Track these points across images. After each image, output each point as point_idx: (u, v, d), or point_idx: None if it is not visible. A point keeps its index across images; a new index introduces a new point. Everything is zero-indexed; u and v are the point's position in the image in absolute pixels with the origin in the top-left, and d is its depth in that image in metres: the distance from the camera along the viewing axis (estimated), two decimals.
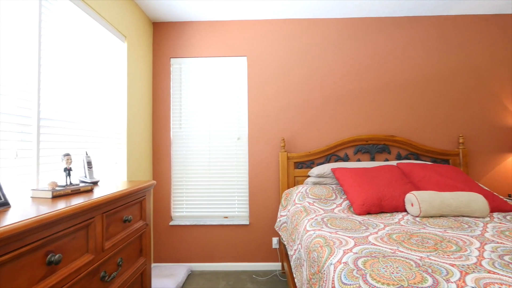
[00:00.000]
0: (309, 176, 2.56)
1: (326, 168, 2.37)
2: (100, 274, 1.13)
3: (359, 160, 2.64)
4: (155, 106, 2.76)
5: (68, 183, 1.30)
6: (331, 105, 2.71)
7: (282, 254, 2.55)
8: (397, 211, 1.84)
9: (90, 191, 1.30)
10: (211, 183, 2.74)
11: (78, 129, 1.71)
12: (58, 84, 1.54)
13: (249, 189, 2.69)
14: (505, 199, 1.91)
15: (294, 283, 1.87)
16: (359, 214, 1.81)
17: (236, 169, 2.74)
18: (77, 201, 1.04)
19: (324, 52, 2.74)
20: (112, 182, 1.71)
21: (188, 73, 2.79)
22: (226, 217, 2.73)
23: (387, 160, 2.62)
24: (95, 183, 1.53)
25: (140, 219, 1.56)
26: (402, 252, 1.14)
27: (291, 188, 2.44)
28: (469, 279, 0.89)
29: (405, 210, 1.84)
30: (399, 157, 2.61)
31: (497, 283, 0.87)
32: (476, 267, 0.98)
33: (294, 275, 1.57)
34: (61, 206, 0.95)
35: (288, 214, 2.13)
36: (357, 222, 1.61)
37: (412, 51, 2.71)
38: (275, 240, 2.66)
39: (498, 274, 0.93)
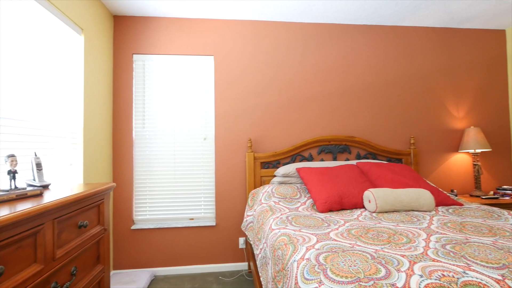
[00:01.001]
0: (275, 176, 2.60)
1: (291, 168, 2.44)
2: (51, 285, 1.05)
3: (322, 160, 2.75)
4: (116, 104, 2.61)
5: (13, 187, 1.18)
6: (297, 107, 2.79)
7: (249, 254, 2.57)
8: (356, 208, 1.95)
9: (39, 195, 1.20)
10: (176, 184, 2.66)
11: (27, 128, 1.56)
12: (2, 78, 1.39)
13: (216, 189, 2.67)
14: (448, 194, 2.13)
15: (260, 282, 1.89)
16: (322, 212, 1.89)
17: (203, 170, 2.70)
18: (23, 207, 0.94)
19: (291, 54, 2.81)
20: (66, 185, 1.59)
21: (152, 71, 2.69)
22: (192, 219, 2.68)
23: (347, 159, 2.77)
24: (45, 187, 1.40)
25: (97, 224, 1.46)
26: (360, 246, 1.21)
27: (257, 188, 2.47)
28: (417, 268, 0.98)
29: (364, 207, 1.96)
30: (358, 157, 2.77)
31: (439, 270, 0.96)
32: (422, 257, 1.08)
33: (260, 274, 1.59)
34: (4, 212, 0.86)
35: (255, 213, 2.15)
36: (319, 220, 1.67)
37: (371, 58, 2.89)
38: (241, 240, 2.67)
39: (441, 262, 1.03)
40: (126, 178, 2.59)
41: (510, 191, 2.69)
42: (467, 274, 0.93)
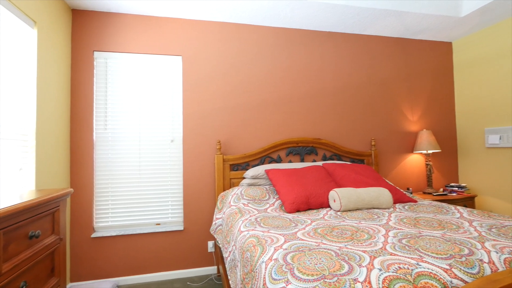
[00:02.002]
0: (244, 178, 2.61)
1: (260, 169, 2.46)
2: None
3: (290, 161, 2.81)
4: (74, 104, 2.44)
5: None
6: (267, 109, 2.83)
7: (218, 257, 2.54)
8: (322, 207, 2.03)
9: None
10: (141, 188, 2.55)
11: None
12: None
13: (184, 193, 2.60)
14: (404, 192, 2.29)
15: (229, 286, 1.88)
16: (290, 212, 1.93)
17: (170, 173, 2.62)
18: None
19: (261, 57, 2.84)
20: (14, 192, 1.44)
21: (115, 69, 2.55)
22: (159, 224, 2.58)
23: (314, 161, 2.86)
24: None
25: (52, 233, 1.35)
26: (325, 244, 1.26)
27: (226, 190, 2.46)
28: (376, 262, 1.04)
29: (329, 206, 2.04)
30: (324, 158, 2.88)
31: (396, 263, 1.03)
32: (381, 251, 1.15)
33: (229, 277, 1.58)
34: None
35: (224, 216, 2.13)
36: (287, 220, 1.71)
37: (338, 64, 3.03)
38: (210, 243, 2.63)
39: (397, 255, 1.11)
40: (85, 183, 2.43)
41: (457, 188, 2.98)
42: (420, 265, 1.01)
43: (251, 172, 2.47)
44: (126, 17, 2.57)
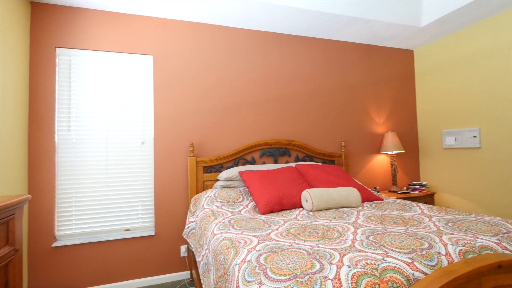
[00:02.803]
0: (218, 180, 2.58)
1: (234, 171, 2.45)
2: None
3: (264, 163, 2.84)
4: (33, 104, 2.26)
5: None
6: (240, 111, 2.83)
7: (191, 262, 2.48)
8: (295, 208, 2.07)
9: None
10: (109, 193, 2.43)
11: None
12: None
13: (155, 197, 2.52)
14: (372, 191, 2.41)
15: None
16: (263, 213, 1.94)
17: (140, 176, 2.52)
18: None
19: (234, 59, 2.84)
20: None
21: (81, 67, 2.41)
22: (128, 230, 2.47)
23: (287, 162, 2.91)
24: None
25: (6, 244, 1.24)
26: (298, 244, 1.28)
27: (200, 193, 2.42)
28: (346, 259, 1.08)
29: (302, 206, 2.08)
30: (297, 159, 2.94)
31: (364, 259, 1.08)
32: (350, 249, 1.19)
33: (202, 282, 1.56)
34: None
35: (197, 219, 2.10)
36: (261, 221, 1.72)
37: (310, 67, 3.11)
38: (183, 248, 2.57)
39: (365, 251, 1.16)
40: (46, 188, 2.26)
41: (418, 186, 3.19)
42: (386, 260, 1.07)
43: (225, 174, 2.45)
44: (92, 13, 2.44)
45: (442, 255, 1.14)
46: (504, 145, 2.66)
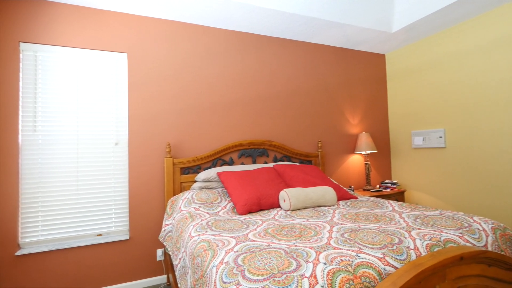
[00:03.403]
0: (195, 181, 2.55)
1: (212, 172, 2.43)
2: None
3: (242, 164, 2.84)
4: None
5: None
6: (219, 111, 2.81)
7: (168, 266, 2.43)
8: (273, 208, 2.08)
9: None
10: (80, 196, 2.31)
11: None
12: None
13: (130, 199, 2.43)
14: (347, 190, 2.49)
15: None
16: (242, 214, 1.94)
17: (114, 178, 2.42)
18: None
19: (212, 59, 2.81)
20: None
21: (49, 64, 2.28)
22: (100, 235, 2.37)
23: (266, 162, 2.93)
24: None
25: None
26: (275, 243, 1.29)
27: (177, 195, 2.37)
28: (322, 257, 1.11)
29: (280, 206, 2.10)
30: (275, 160, 2.97)
31: (339, 256, 1.11)
32: (326, 246, 1.23)
33: (179, 285, 1.53)
34: None
35: (174, 222, 2.05)
36: (239, 222, 1.72)
37: (288, 69, 3.15)
38: (159, 252, 2.50)
39: (340, 248, 1.19)
40: (7, 194, 2.11)
41: (390, 184, 3.34)
42: (359, 256, 1.11)
43: (202, 175, 2.42)
44: (62, 7, 2.31)
45: (411, 249, 1.20)
46: (467, 145, 2.86)
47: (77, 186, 2.31)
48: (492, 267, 1.16)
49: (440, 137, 3.08)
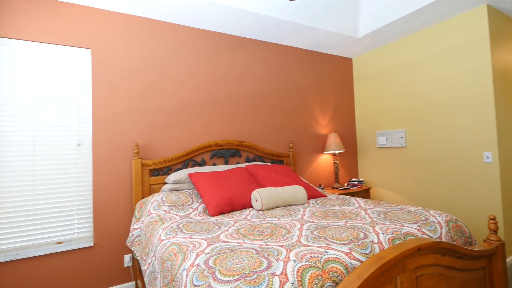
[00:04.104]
0: (166, 183, 2.48)
1: (183, 173, 2.38)
2: None
3: (214, 164, 2.81)
4: None
5: None
6: (189, 111, 2.75)
7: (136, 272, 2.33)
8: (245, 208, 2.09)
9: None
10: (37, 202, 2.14)
11: None
12: None
13: (94, 204, 2.30)
14: (317, 188, 2.57)
15: None
16: (213, 215, 1.92)
17: (76, 182, 2.27)
18: None
19: (182, 58, 2.75)
20: None
21: (1, 58, 2.08)
22: (61, 242, 2.21)
23: (238, 163, 2.93)
24: None
25: None
26: (247, 243, 1.30)
27: (146, 198, 2.29)
28: (292, 254, 1.13)
29: (252, 206, 2.11)
30: (248, 160, 2.98)
31: (308, 253, 1.15)
32: (297, 244, 1.26)
33: None
34: None
35: (142, 226, 1.98)
36: (211, 223, 1.70)
37: (259, 69, 3.18)
38: (127, 257, 2.40)
39: (309, 246, 1.23)
40: None
41: (357, 182, 3.50)
42: (328, 252, 1.15)
43: (173, 176, 2.36)
44: None
45: (375, 243, 1.27)
46: (425, 144, 3.08)
47: (34, 191, 2.14)
48: (445, 256, 1.27)
49: (401, 137, 3.29)
